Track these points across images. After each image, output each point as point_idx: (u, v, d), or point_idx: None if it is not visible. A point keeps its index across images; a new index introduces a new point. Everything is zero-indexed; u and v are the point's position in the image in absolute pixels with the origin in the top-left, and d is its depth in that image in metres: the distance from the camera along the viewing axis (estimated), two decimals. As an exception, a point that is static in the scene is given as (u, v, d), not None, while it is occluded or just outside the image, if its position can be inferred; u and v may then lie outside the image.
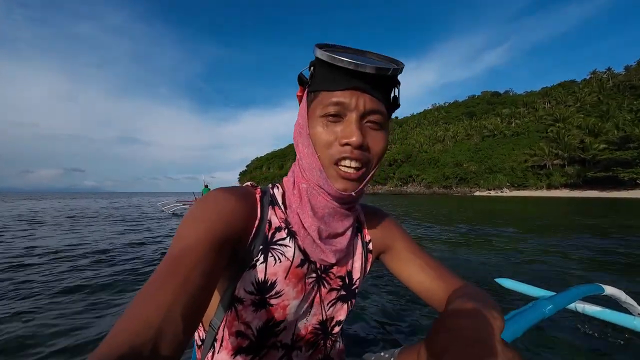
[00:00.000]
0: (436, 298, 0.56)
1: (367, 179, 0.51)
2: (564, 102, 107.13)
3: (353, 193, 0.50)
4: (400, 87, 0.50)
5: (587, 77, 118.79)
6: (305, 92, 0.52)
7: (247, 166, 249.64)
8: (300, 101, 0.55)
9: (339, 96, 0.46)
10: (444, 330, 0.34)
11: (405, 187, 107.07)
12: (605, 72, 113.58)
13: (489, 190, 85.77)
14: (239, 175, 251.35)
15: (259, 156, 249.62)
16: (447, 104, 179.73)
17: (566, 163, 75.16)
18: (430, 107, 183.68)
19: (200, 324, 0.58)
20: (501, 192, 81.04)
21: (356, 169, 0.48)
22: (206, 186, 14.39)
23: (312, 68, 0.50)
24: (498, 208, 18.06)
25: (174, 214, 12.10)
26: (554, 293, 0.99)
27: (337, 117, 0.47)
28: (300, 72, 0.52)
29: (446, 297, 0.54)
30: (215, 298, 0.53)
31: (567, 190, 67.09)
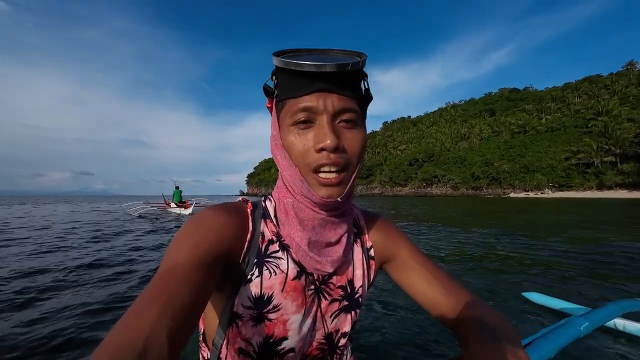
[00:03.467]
0: (442, 312, 0.53)
1: (350, 182, 0.48)
2: (596, 95, 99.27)
3: (339, 199, 0.47)
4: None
5: (621, 69, 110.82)
6: (274, 102, 0.50)
7: (254, 168, 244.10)
8: (271, 112, 0.53)
9: (305, 101, 0.44)
10: None
11: (429, 189, 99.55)
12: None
13: (526, 191, 78.10)
14: (247, 177, 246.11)
15: (266, 158, 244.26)
16: (463, 102, 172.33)
17: (618, 160, 67.38)
18: (445, 106, 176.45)
19: (204, 344, 0.58)
20: (541, 193, 73.36)
21: (337, 172, 0.45)
22: (177, 188, 14.31)
23: (274, 77, 0.48)
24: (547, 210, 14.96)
25: (140, 217, 11.65)
26: (590, 309, 0.87)
27: (308, 123, 0.45)
28: (265, 83, 0.50)
29: (454, 313, 0.51)
30: (215, 317, 0.53)
31: (625, 191, 59.19)
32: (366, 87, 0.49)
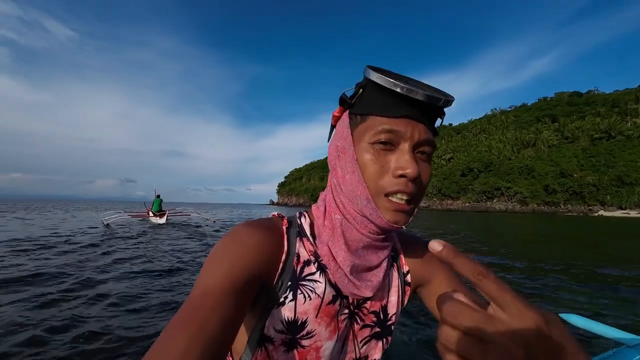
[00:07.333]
0: None
1: (415, 212, 0.47)
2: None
3: (404, 226, 0.45)
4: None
5: None
6: (346, 113, 0.49)
7: (285, 177, 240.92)
8: (335, 121, 0.52)
9: (393, 124, 0.43)
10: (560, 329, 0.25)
11: (490, 203, 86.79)
12: None
13: (623, 208, 63.51)
14: (278, 186, 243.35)
15: (297, 167, 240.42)
16: (513, 108, 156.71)
17: None
18: (491, 112, 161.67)
19: (231, 359, 0.57)
20: (647, 211, 58.66)
21: (407, 201, 0.44)
22: (157, 196, 14.35)
23: (360, 90, 0.47)
24: None
25: (107, 226, 11.47)
26: None
27: (389, 145, 0.44)
28: (343, 93, 0.49)
29: None
30: (244, 334, 0.51)
31: None
32: (438, 125, 0.48)
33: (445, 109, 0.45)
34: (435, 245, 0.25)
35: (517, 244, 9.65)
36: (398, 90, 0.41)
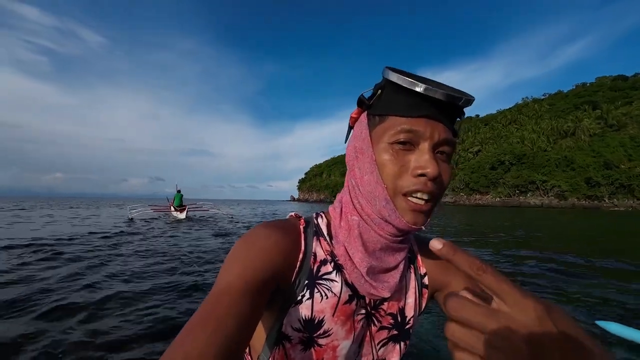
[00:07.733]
0: None
1: (433, 213, 0.47)
2: None
3: (423, 227, 0.45)
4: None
5: None
6: (364, 114, 0.49)
7: (305, 174, 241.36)
8: (353, 123, 0.52)
9: (413, 123, 0.43)
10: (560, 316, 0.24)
11: (523, 197, 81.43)
12: None
13: (680, 202, 57.06)
14: (299, 182, 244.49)
15: (317, 163, 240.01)
16: (547, 95, 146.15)
17: None
18: (522, 101, 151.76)
19: (249, 358, 0.57)
20: None
21: (426, 201, 0.44)
22: (178, 191, 14.76)
23: (379, 91, 0.47)
24: None
25: (132, 220, 11.79)
26: None
27: (409, 145, 0.43)
28: (361, 94, 0.49)
29: None
30: (262, 333, 0.51)
31: None
32: (458, 125, 0.48)
33: (468, 104, 0.44)
34: (436, 244, 0.26)
35: (597, 241, 8.18)
36: (417, 89, 0.41)
